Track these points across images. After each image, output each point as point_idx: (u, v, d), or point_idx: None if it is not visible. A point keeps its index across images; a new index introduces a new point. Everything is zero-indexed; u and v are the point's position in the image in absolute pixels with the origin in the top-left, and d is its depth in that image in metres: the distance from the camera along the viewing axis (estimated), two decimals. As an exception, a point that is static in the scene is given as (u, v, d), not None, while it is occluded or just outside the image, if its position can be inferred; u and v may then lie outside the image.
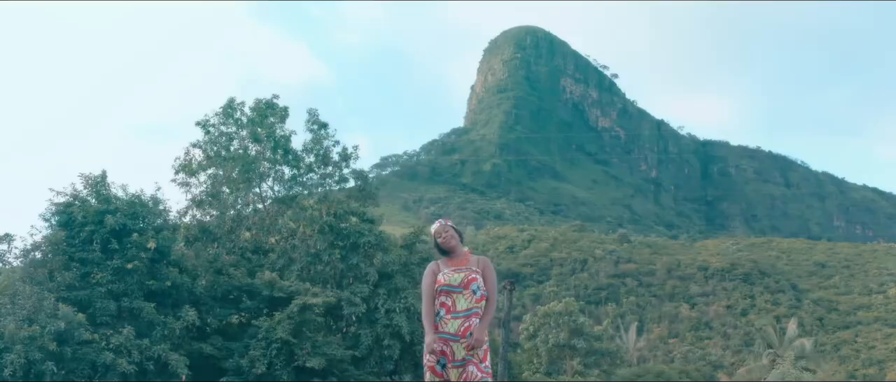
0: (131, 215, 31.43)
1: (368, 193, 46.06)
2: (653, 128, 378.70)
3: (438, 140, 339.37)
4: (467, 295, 7.85)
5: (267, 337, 32.31)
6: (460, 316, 7.80)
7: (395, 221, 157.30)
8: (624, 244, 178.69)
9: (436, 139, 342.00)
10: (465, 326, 7.77)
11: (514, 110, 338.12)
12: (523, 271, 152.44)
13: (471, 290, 7.86)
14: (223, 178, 43.20)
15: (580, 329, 69.58)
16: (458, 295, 7.86)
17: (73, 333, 27.16)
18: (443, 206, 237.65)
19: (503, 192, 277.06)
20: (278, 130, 44.46)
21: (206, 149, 43.58)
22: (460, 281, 7.88)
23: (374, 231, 38.80)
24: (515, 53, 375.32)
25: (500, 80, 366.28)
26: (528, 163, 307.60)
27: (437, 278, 8.02)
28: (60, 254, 30.44)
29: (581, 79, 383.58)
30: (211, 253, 38.09)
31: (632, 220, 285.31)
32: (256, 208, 44.97)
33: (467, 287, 7.87)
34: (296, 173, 45.31)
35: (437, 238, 8.29)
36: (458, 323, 7.79)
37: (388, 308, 35.82)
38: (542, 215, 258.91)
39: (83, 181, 32.27)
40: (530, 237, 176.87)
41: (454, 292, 7.87)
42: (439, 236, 8.28)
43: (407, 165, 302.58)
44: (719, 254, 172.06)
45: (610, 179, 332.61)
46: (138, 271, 30.35)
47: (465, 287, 7.87)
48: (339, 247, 37.62)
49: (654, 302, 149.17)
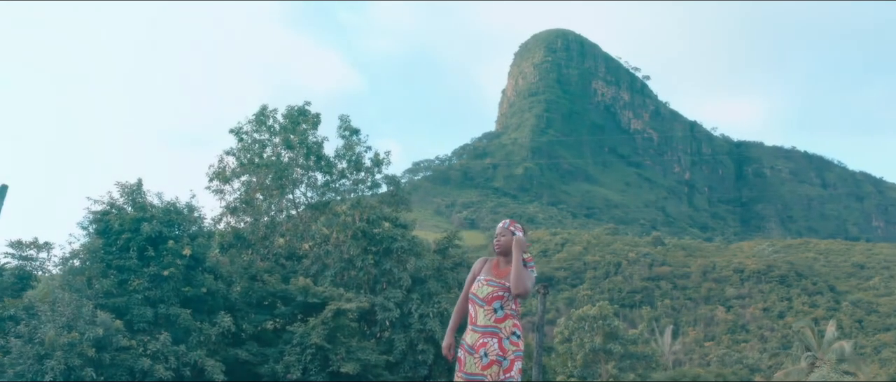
0: (167, 222, 31.74)
1: (401, 198, 46.14)
2: (686, 130, 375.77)
3: (470, 144, 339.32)
4: (488, 312, 7.64)
5: (301, 343, 32.44)
6: (479, 330, 7.65)
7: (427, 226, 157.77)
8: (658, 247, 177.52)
9: (467, 143, 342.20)
10: (480, 341, 7.60)
11: (546, 113, 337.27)
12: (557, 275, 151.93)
13: (492, 308, 7.66)
14: (257, 185, 43.53)
15: (615, 333, 69.11)
16: (480, 308, 7.68)
17: (112, 339, 27.46)
18: (475, 211, 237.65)
19: (535, 196, 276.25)
20: (310, 137, 44.70)
21: (240, 157, 43.95)
22: (486, 294, 7.70)
23: (406, 236, 38.83)
24: (546, 56, 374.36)
25: (532, 84, 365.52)
26: (560, 167, 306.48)
27: (474, 278, 7.92)
28: (98, 262, 30.80)
29: (613, 81, 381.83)
30: (245, 260, 38.34)
31: (665, 223, 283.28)
32: (290, 214, 45.23)
33: (490, 303, 7.67)
34: (328, 179, 45.51)
35: (497, 237, 8.00)
36: (476, 337, 7.64)
37: (422, 312, 35.83)
38: (575, 218, 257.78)
39: (120, 189, 32.66)
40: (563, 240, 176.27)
41: (477, 303, 7.73)
42: (497, 236, 7.99)
43: (439, 170, 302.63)
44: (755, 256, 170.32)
45: (643, 182, 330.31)
46: (174, 278, 30.62)
47: (487, 302, 7.68)
48: (373, 253, 37.71)
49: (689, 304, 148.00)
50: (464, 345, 7.74)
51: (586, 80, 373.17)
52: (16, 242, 34.22)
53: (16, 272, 33.50)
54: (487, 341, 7.62)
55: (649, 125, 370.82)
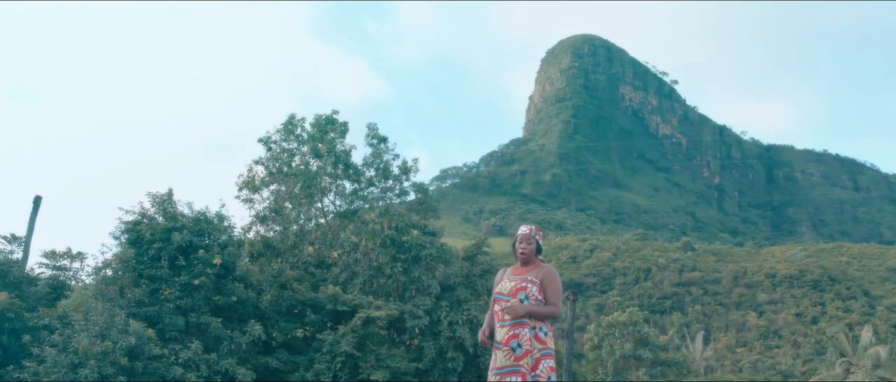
0: (197, 232, 31.97)
1: (429, 206, 46.17)
2: (715, 134, 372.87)
3: (497, 151, 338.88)
4: None
5: (331, 351, 32.50)
6: (506, 324, 7.72)
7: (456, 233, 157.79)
8: (688, 252, 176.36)
9: (495, 150, 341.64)
10: (510, 334, 7.67)
11: (573, 119, 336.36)
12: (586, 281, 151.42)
13: (518, 300, 7.75)
14: (285, 194, 43.73)
15: (645, 340, 68.67)
16: (505, 303, 7.79)
17: (144, 348, 27.68)
18: (503, 217, 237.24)
19: (564, 202, 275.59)
20: (338, 145, 44.84)
21: (269, 166, 44.21)
22: (510, 289, 7.79)
23: (435, 243, 38.83)
24: (573, 62, 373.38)
25: (559, 90, 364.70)
26: (588, 172, 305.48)
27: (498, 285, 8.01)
28: (130, 271, 31.10)
29: (640, 86, 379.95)
30: (275, 268, 38.52)
31: (695, 228, 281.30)
32: (319, 223, 45.38)
33: (515, 296, 7.75)
34: (357, 187, 45.63)
35: (518, 242, 8.08)
36: (504, 332, 7.71)
37: (451, 320, 35.78)
38: (604, 224, 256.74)
39: (151, 199, 32.97)
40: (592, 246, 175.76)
41: (503, 299, 7.81)
42: (520, 242, 8.06)
43: (466, 177, 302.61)
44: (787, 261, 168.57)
45: (672, 187, 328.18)
46: (205, 287, 30.82)
47: (512, 295, 7.76)
48: (401, 260, 37.75)
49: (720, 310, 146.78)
50: (496, 346, 7.78)
51: (614, 85, 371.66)
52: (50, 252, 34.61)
53: (50, 282, 33.86)
54: (517, 332, 7.67)
55: (678, 130, 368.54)
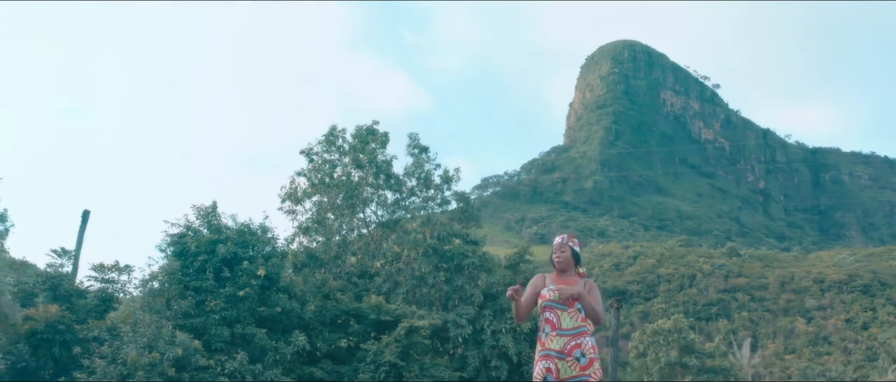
0: (241, 243, 32.28)
1: (471, 215, 46.10)
2: (759, 138, 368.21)
3: (538, 159, 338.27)
4: (572, 313, 7.67)
5: (375, 360, 32.56)
6: (566, 334, 7.64)
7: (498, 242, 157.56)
8: (733, 258, 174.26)
9: (536, 158, 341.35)
10: (571, 344, 7.59)
11: (614, 125, 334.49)
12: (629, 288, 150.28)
13: (575, 308, 7.70)
14: (328, 205, 44.00)
15: (691, 347, 67.85)
16: (563, 312, 7.69)
17: (191, 359, 27.97)
18: (545, 225, 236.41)
19: (606, 209, 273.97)
20: (380, 155, 45.03)
21: (311, 177, 44.55)
22: (565, 297, 7.71)
23: (477, 252, 38.79)
24: (613, 68, 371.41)
25: (599, 96, 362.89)
26: (630, 179, 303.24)
27: (540, 292, 7.93)
28: (176, 283, 31.48)
29: (681, 91, 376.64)
30: (318, 279, 38.73)
31: (740, 233, 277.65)
32: (361, 233, 45.56)
33: (572, 305, 7.70)
34: (398, 197, 45.77)
35: (553, 252, 8.11)
36: (564, 341, 7.62)
37: (494, 329, 35.68)
38: (647, 231, 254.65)
39: (195, 212, 33.38)
40: (635, 253, 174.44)
41: (558, 308, 7.72)
42: (556, 252, 8.08)
43: (508, 185, 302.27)
44: (835, 266, 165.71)
45: (716, 192, 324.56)
46: (250, 298, 31.09)
47: (569, 304, 7.69)
48: (444, 270, 37.76)
49: (767, 316, 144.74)
50: (550, 355, 7.67)
51: (655, 91, 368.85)
52: (98, 265, 35.15)
53: (99, 294, 34.38)
54: (580, 341, 7.63)
55: (721, 134, 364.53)
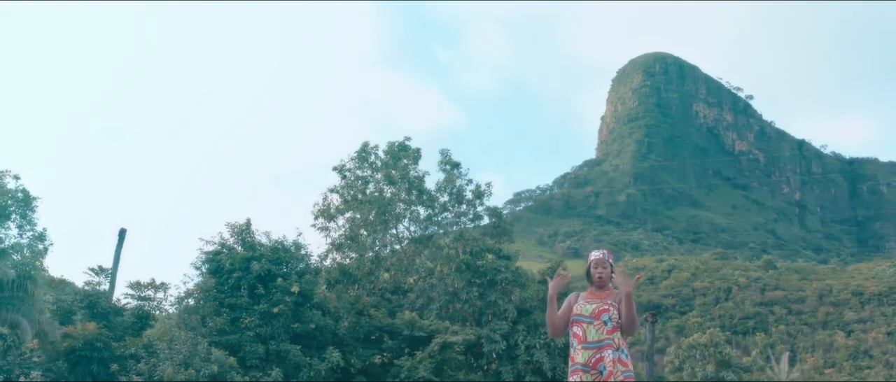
0: (275, 261, 32.48)
1: (503, 230, 46.03)
2: (794, 149, 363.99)
3: (571, 173, 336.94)
4: (598, 326, 7.63)
5: (409, 376, 32.54)
6: (591, 347, 7.62)
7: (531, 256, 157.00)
8: (769, 270, 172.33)
9: (568, 172, 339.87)
10: (596, 358, 7.57)
11: (647, 138, 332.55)
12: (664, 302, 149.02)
13: (602, 321, 7.66)
14: (361, 221, 44.20)
15: (728, 361, 66.92)
16: (589, 325, 7.67)
17: (226, 376, 28.13)
18: (578, 239, 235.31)
19: (639, 223, 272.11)
20: (412, 171, 45.19)
21: (343, 194, 44.78)
22: (591, 311, 7.71)
23: (510, 267, 38.68)
24: (645, 81, 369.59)
25: (631, 109, 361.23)
26: (663, 192, 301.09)
27: (571, 308, 7.93)
28: (211, 301, 31.74)
29: (714, 102, 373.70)
30: (352, 295, 38.85)
31: (776, 246, 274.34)
32: (394, 249, 45.68)
33: (598, 317, 7.67)
34: (431, 213, 45.85)
35: (593, 267, 8.07)
36: (589, 354, 7.61)
37: (528, 344, 35.52)
38: (682, 244, 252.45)
39: (230, 230, 33.67)
40: (670, 267, 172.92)
41: (584, 322, 7.71)
42: (596, 267, 8.02)
43: (540, 200, 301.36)
44: (875, 278, 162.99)
45: (751, 204, 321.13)
46: (284, 314, 31.24)
47: (595, 317, 7.68)
48: (477, 285, 37.69)
49: (805, 330, 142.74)
50: (577, 370, 7.68)
51: (687, 103, 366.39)
52: (135, 283, 35.59)
53: (135, 312, 34.77)
54: (603, 355, 7.61)
55: (754, 146, 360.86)
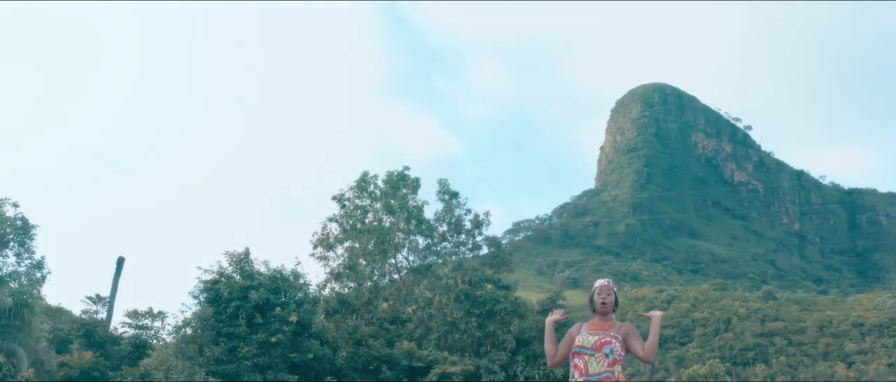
0: (274, 290, 32.40)
1: (502, 259, 45.93)
2: (793, 180, 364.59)
3: (570, 203, 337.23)
4: (599, 358, 7.67)
5: (408, 407, 32.39)
6: (592, 379, 7.65)
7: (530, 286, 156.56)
8: (769, 301, 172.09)
9: (567, 202, 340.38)
10: None
11: (646, 169, 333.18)
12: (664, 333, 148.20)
13: (603, 353, 7.70)
14: (359, 251, 44.10)
15: (728, 393, 66.76)
16: (591, 357, 7.72)
17: (223, 407, 28.00)
18: (577, 269, 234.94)
19: (639, 253, 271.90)
20: (411, 201, 45.18)
21: (343, 223, 44.73)
22: (593, 343, 7.74)
23: (509, 297, 38.57)
24: (643, 111, 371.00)
25: (630, 139, 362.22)
26: (662, 222, 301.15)
27: (573, 339, 7.93)
28: (209, 330, 31.60)
29: (713, 133, 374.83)
30: (350, 325, 38.70)
31: (776, 276, 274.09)
32: (392, 279, 45.54)
33: (599, 349, 7.71)
34: (429, 243, 45.77)
35: (597, 294, 8.05)
36: None
37: (527, 375, 35.33)
38: (681, 274, 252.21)
39: (228, 258, 33.62)
40: (670, 297, 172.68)
41: (586, 353, 7.75)
42: (600, 293, 8.02)
43: (539, 230, 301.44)
44: (876, 309, 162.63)
45: (750, 234, 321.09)
46: (282, 344, 31.11)
47: (597, 349, 7.71)
48: (476, 315, 37.54)
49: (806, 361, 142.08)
50: None
51: (686, 133, 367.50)
52: (132, 312, 35.52)
53: (132, 340, 34.68)
54: None
55: (754, 176, 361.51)
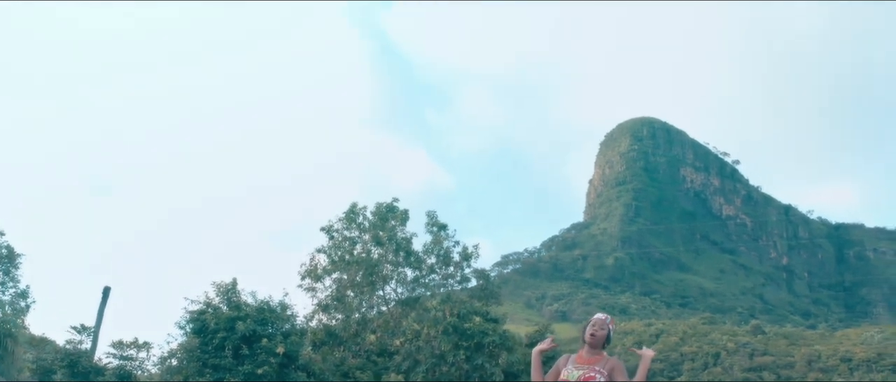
0: (261, 321, 32.21)
1: (491, 292, 45.83)
2: (780, 214, 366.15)
3: (559, 235, 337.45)
4: None
5: (394, 441, 32.12)
6: None
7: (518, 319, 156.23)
8: (758, 335, 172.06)
9: (556, 235, 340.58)
10: None
11: (635, 202, 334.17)
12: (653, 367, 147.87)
13: None
14: (348, 282, 43.93)
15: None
16: None
17: (208, 439, 27.71)
18: (566, 303, 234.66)
19: (627, 286, 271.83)
20: (399, 233, 45.11)
21: (331, 254, 44.60)
22: (577, 377, 7.72)
23: (498, 330, 38.44)
24: (632, 145, 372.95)
25: (619, 173, 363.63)
26: (651, 256, 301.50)
27: (559, 373, 7.90)
28: (195, 361, 31.33)
29: (701, 167, 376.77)
30: (337, 357, 38.47)
31: (764, 310, 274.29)
32: (380, 311, 45.35)
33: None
34: (418, 275, 45.64)
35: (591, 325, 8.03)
36: None
37: (515, 408, 35.18)
38: (670, 308, 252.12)
39: (215, 289, 33.44)
40: (658, 331, 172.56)
41: None
42: (593, 325, 8.02)
43: (528, 262, 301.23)
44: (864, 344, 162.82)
45: (738, 268, 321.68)
46: (268, 376, 30.85)
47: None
48: (464, 348, 37.37)
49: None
50: None
51: (674, 167, 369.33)
52: (117, 342, 35.13)
53: (117, 371, 34.25)
54: None
55: (742, 210, 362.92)
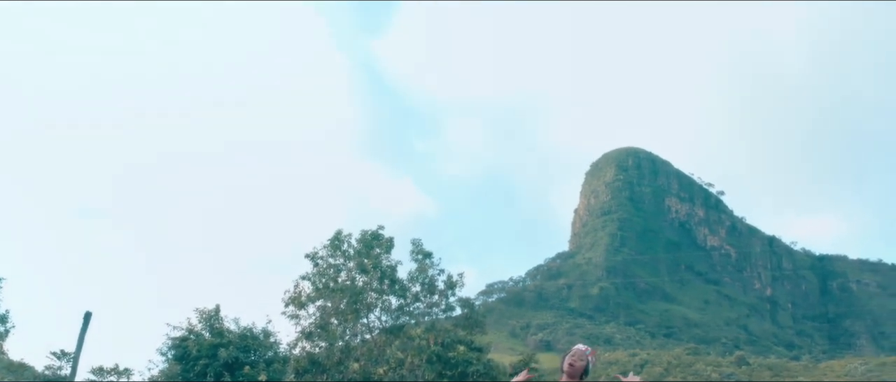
0: (243, 348, 32.02)
1: (475, 321, 45.68)
2: (765, 245, 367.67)
3: (544, 265, 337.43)
4: None
5: (377, 471, 31.86)
6: None
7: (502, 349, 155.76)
8: (742, 367, 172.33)
9: (541, 264, 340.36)
10: None
11: (620, 232, 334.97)
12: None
13: None
14: (331, 310, 43.70)
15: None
16: None
17: (188, 468, 27.40)
18: (551, 332, 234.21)
19: (612, 316, 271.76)
20: (384, 261, 44.98)
21: (315, 281, 44.38)
22: None
23: (482, 359, 38.36)
24: (618, 175, 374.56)
25: (604, 202, 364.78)
26: (636, 286, 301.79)
27: None
28: (176, 389, 31.09)
29: (686, 197, 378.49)
30: (320, 385, 38.23)
31: (749, 341, 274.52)
32: (364, 339, 45.10)
33: None
34: (402, 303, 45.47)
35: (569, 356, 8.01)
36: None
37: (499, 438, 34.99)
38: (654, 338, 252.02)
39: (198, 315, 33.23)
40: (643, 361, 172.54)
41: None
42: (572, 356, 8.01)
43: (513, 291, 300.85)
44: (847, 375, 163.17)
45: (723, 299, 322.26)
46: (250, 404, 30.64)
47: None
48: (448, 377, 37.24)
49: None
50: None
51: (659, 198, 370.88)
52: (97, 369, 34.85)
53: (96, 399, 33.95)
54: None
55: (726, 241, 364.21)
